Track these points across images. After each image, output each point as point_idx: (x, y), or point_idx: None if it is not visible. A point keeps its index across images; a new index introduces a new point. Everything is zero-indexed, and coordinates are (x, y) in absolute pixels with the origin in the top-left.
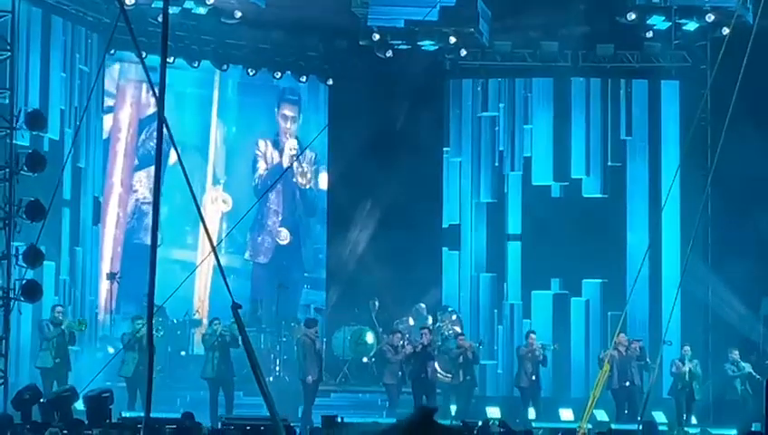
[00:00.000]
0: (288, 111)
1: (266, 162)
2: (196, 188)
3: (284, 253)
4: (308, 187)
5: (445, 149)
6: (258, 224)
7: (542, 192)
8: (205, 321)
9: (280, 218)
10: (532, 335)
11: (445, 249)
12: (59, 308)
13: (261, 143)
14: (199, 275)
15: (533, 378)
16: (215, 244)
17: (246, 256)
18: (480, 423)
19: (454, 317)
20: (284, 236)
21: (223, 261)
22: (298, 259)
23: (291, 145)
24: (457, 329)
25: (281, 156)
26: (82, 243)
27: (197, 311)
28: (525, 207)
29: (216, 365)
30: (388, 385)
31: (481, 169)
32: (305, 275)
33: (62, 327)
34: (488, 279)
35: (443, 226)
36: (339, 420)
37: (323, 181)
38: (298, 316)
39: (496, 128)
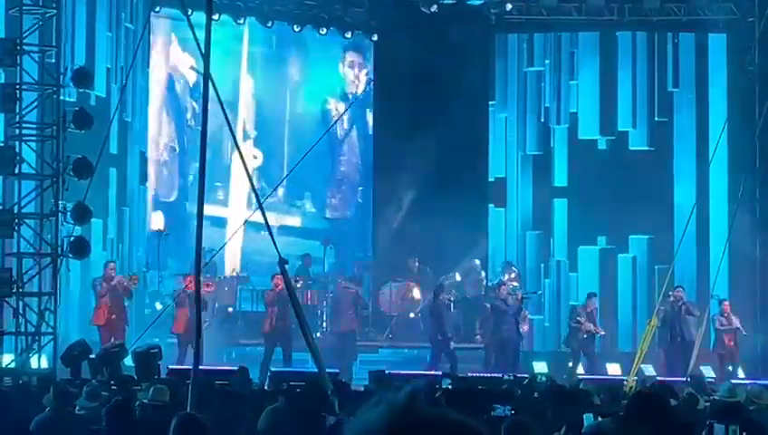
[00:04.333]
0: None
1: None
2: (225, 144)
3: None
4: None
5: (490, 103)
6: None
7: (588, 146)
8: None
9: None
10: (594, 298)
11: (491, 206)
12: (111, 264)
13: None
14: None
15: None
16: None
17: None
18: (528, 378)
19: (513, 275)
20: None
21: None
22: None
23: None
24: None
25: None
26: (130, 201)
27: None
28: (572, 162)
29: (274, 320)
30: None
31: (527, 123)
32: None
33: (114, 283)
34: (534, 235)
35: (489, 179)
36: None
37: None
38: (345, 272)
39: (542, 84)
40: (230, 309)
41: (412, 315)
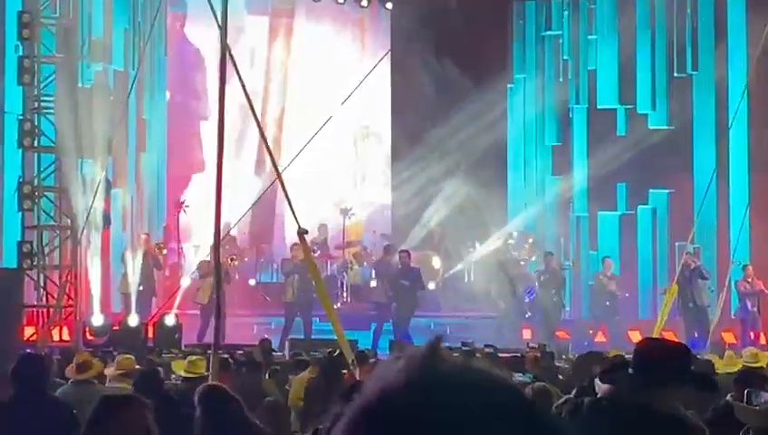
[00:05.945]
0: None
1: None
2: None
3: None
4: None
5: (509, 86)
6: None
7: (606, 124)
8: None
9: None
10: (609, 261)
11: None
12: (143, 236)
13: None
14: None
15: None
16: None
17: None
18: (545, 346)
19: (530, 240)
20: None
21: None
22: None
23: None
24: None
25: None
26: (150, 172)
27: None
28: (591, 153)
29: (295, 290)
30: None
31: (545, 92)
32: None
33: (143, 252)
34: (553, 185)
35: (507, 161)
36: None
37: None
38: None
39: (561, 40)
40: (251, 281)
41: (432, 286)
